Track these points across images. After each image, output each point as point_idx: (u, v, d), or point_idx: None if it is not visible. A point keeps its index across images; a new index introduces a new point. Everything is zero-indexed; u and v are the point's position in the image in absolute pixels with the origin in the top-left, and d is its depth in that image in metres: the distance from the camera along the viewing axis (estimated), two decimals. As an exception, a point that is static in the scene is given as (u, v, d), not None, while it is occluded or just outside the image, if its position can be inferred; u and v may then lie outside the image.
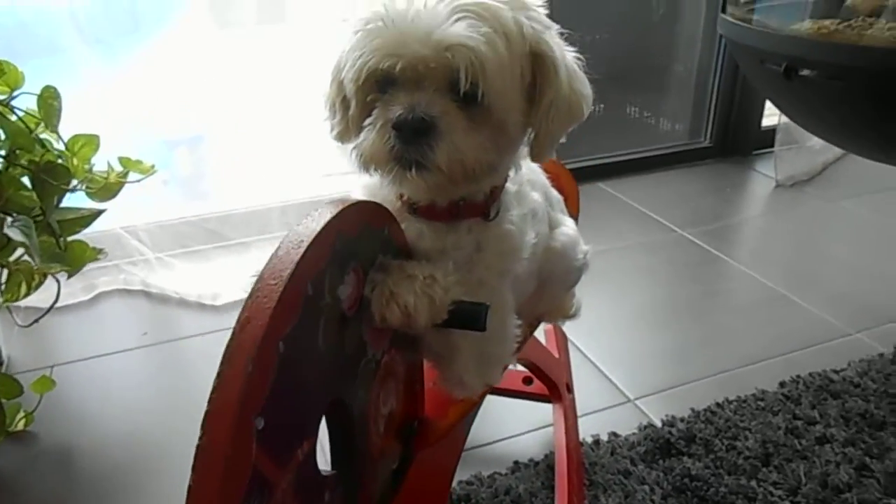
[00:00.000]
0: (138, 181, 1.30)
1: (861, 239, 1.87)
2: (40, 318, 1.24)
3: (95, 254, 1.18)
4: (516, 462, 1.10)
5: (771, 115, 2.38)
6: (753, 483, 1.03)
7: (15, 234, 0.96)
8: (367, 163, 0.60)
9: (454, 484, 1.04)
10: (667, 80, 2.42)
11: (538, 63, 0.60)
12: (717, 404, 1.20)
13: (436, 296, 0.56)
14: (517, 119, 0.60)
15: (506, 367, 0.74)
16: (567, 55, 0.62)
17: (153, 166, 1.33)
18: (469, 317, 0.56)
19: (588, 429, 1.16)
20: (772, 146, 2.25)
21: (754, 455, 1.08)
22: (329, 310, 0.48)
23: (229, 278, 1.56)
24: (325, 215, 0.47)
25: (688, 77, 2.36)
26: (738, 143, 2.35)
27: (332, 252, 0.47)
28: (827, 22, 1.19)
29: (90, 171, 1.21)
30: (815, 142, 2.26)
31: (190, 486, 0.36)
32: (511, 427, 1.19)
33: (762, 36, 1.08)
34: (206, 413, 0.37)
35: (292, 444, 0.43)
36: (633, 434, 1.14)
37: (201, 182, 2.16)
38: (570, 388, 1.15)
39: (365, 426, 0.56)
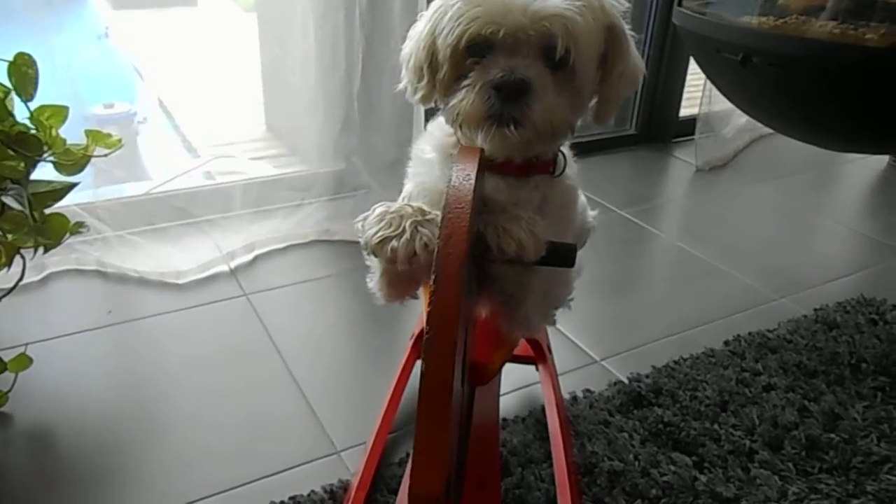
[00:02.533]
0: (105, 155, 1.28)
1: (773, 217, 2.08)
2: (4, 296, 1.20)
3: (78, 227, 1.15)
4: (504, 419, 1.17)
5: (688, 106, 2.59)
6: (716, 426, 1.16)
7: (11, 201, 0.93)
8: (465, 120, 0.67)
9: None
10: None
11: (611, 36, 0.69)
12: (675, 361, 1.33)
13: (539, 233, 0.63)
14: (591, 85, 0.69)
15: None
16: (630, 33, 0.71)
17: (120, 140, 1.30)
18: (563, 254, 0.63)
19: (565, 387, 1.25)
20: (689, 134, 2.44)
21: (713, 403, 1.21)
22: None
23: (193, 256, 1.54)
24: (475, 157, 0.53)
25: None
26: (659, 131, 2.53)
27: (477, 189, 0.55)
28: (764, 18, 1.33)
29: (65, 142, 1.18)
30: (728, 130, 2.48)
31: (425, 371, 0.44)
32: (493, 389, 1.26)
33: (719, 27, 1.20)
34: (432, 310, 0.43)
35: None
36: (606, 390, 1.25)
37: (138, 161, 2.10)
38: (549, 350, 1.23)
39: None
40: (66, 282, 1.53)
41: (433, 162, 0.76)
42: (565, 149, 0.77)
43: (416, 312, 1.49)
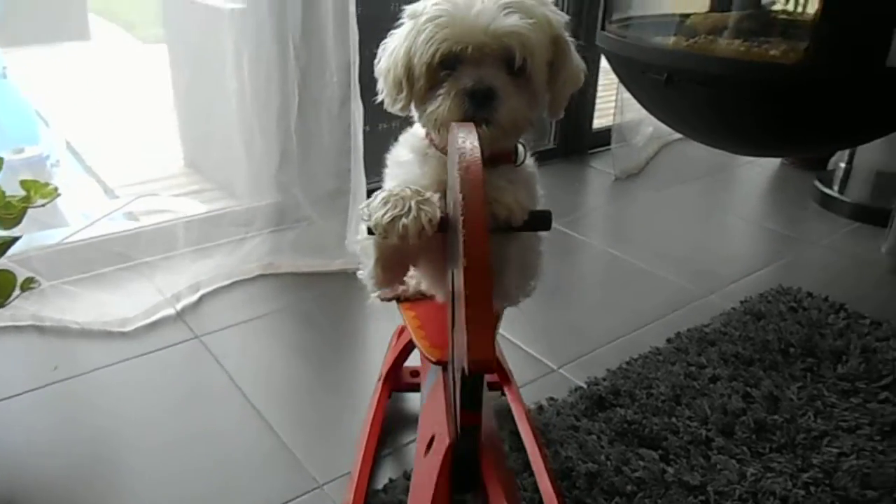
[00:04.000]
0: (43, 205, 1.23)
1: (689, 218, 2.23)
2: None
3: (29, 283, 1.10)
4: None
5: (600, 118, 2.73)
6: (674, 420, 1.24)
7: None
8: (442, 124, 0.78)
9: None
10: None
11: (557, 46, 0.82)
12: (626, 363, 1.41)
13: (522, 200, 0.73)
14: (543, 87, 0.81)
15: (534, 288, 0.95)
16: (570, 40, 0.83)
17: (56, 189, 1.26)
18: (541, 219, 0.74)
19: (529, 398, 1.30)
20: (603, 145, 2.58)
21: (668, 398, 1.29)
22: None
23: (136, 302, 1.50)
24: (471, 126, 0.67)
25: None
26: (576, 144, 2.65)
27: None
28: (675, 39, 1.45)
29: (4, 195, 1.12)
30: (639, 139, 2.63)
31: (467, 254, 0.55)
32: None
33: (642, 49, 1.30)
34: (466, 230, 0.56)
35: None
36: (569, 396, 1.31)
37: (55, 207, 2.01)
38: (511, 374, 1.28)
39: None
40: (2, 340, 1.45)
41: (411, 162, 0.85)
42: (524, 141, 0.89)
43: (375, 341, 1.51)
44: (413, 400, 1.30)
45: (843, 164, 2.35)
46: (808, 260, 1.92)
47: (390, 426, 1.24)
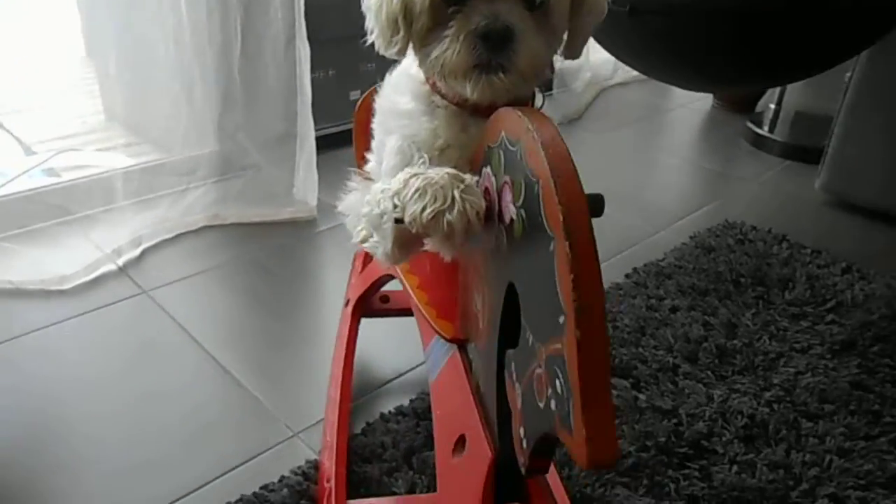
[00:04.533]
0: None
1: (632, 160, 2.27)
2: None
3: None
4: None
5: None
6: (640, 349, 1.26)
7: None
8: (452, 71, 0.66)
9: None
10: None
11: None
12: (589, 298, 1.42)
13: None
14: (565, 22, 0.70)
15: None
16: None
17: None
18: (594, 204, 0.65)
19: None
20: (546, 91, 2.57)
21: (633, 329, 1.32)
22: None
23: (75, 258, 1.40)
24: (546, 119, 0.56)
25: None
26: (516, 89, 2.63)
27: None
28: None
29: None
30: (578, 84, 2.64)
31: (581, 341, 0.44)
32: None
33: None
34: (579, 301, 0.44)
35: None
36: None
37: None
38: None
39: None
40: (-79, 305, 1.33)
41: (415, 112, 0.75)
42: (565, 101, 0.80)
43: (331, 285, 1.47)
44: (382, 325, 1.25)
45: (772, 106, 2.44)
46: (746, 196, 1.99)
47: (360, 359, 1.20)
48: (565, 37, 0.73)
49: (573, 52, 0.75)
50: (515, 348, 0.57)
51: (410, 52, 0.73)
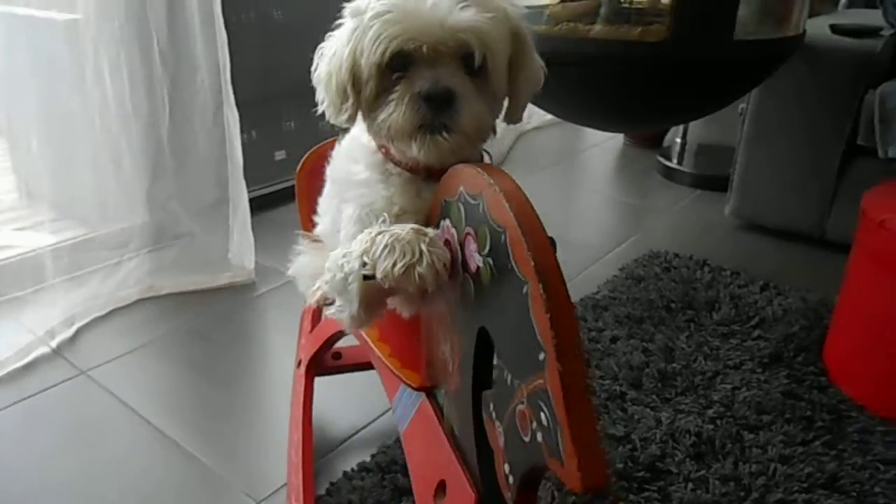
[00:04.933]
0: None
1: (555, 200, 2.37)
2: None
3: None
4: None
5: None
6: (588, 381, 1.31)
7: None
8: (398, 133, 0.70)
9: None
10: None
11: (516, 41, 0.74)
12: (533, 336, 1.47)
13: None
14: (504, 88, 0.74)
15: None
16: (529, 35, 0.76)
17: None
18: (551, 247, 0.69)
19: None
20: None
21: (578, 362, 1.36)
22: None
23: (6, 343, 1.34)
24: (501, 172, 0.59)
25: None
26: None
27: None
28: (545, 26, 1.53)
29: None
30: (498, 130, 2.74)
31: (562, 373, 0.47)
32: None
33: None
34: (555, 328, 0.48)
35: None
36: (488, 374, 1.34)
37: None
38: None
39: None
40: None
41: (371, 181, 0.77)
42: (488, 147, 0.84)
43: (277, 347, 1.46)
44: (334, 382, 1.25)
45: (678, 140, 2.61)
46: (665, 225, 2.11)
47: (315, 418, 1.19)
48: (506, 102, 0.77)
49: (513, 116, 0.79)
50: (492, 389, 0.60)
51: (360, 121, 0.77)
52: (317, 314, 1.35)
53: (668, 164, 2.51)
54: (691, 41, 1.31)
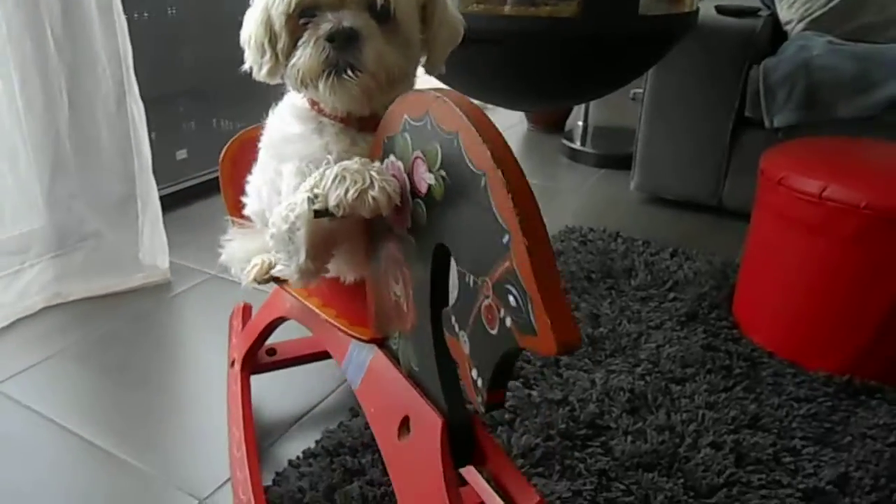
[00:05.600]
0: None
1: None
2: None
3: None
4: (352, 408, 1.20)
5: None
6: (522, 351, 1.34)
7: None
8: (305, 76, 0.73)
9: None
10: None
11: None
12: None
13: None
14: (417, 34, 0.76)
15: None
16: None
17: None
18: None
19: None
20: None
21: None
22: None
23: None
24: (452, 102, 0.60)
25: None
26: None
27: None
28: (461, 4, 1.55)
29: None
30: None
31: (531, 249, 0.51)
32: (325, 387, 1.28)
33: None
34: (516, 203, 0.52)
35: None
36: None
37: None
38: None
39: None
40: None
41: (305, 133, 0.78)
42: None
43: (200, 345, 1.41)
44: (266, 377, 1.23)
45: (580, 123, 2.71)
46: (575, 204, 2.19)
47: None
48: (423, 56, 0.80)
49: (431, 66, 0.81)
50: (450, 305, 0.62)
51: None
52: (247, 312, 1.32)
53: (572, 146, 2.60)
54: (601, 16, 1.37)
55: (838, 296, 1.26)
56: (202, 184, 2.11)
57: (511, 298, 0.52)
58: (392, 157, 0.68)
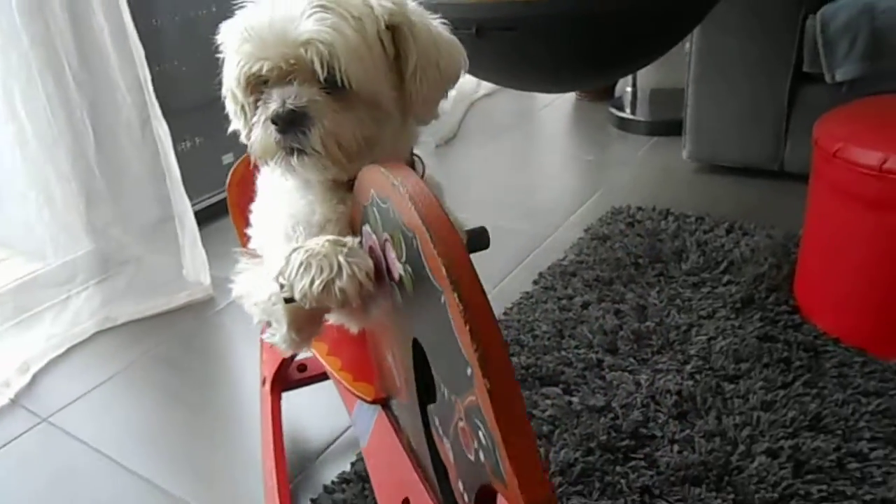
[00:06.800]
0: None
1: (513, 167, 2.33)
2: None
3: None
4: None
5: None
6: (564, 353, 1.29)
7: None
8: (260, 157, 0.68)
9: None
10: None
11: (397, 35, 0.67)
12: (504, 314, 1.44)
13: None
14: (388, 92, 0.67)
15: None
16: (430, 21, 0.70)
17: None
18: (479, 237, 0.66)
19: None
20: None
21: (552, 335, 1.34)
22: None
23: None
24: (402, 167, 0.56)
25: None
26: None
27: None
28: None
29: None
30: (446, 105, 2.68)
31: (491, 387, 0.43)
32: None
33: (447, 6, 1.31)
34: (477, 337, 0.44)
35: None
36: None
37: None
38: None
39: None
40: None
41: (293, 189, 0.73)
42: (419, 151, 0.78)
43: (245, 363, 1.42)
44: (302, 393, 1.21)
45: (629, 89, 2.57)
46: (625, 178, 2.08)
47: (288, 434, 1.16)
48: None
49: (421, 117, 0.72)
50: (434, 403, 0.56)
51: None
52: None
53: (621, 114, 2.47)
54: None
55: (910, 275, 1.14)
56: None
57: (481, 435, 0.46)
58: (368, 228, 0.62)
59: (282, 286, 0.60)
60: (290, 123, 0.64)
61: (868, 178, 1.11)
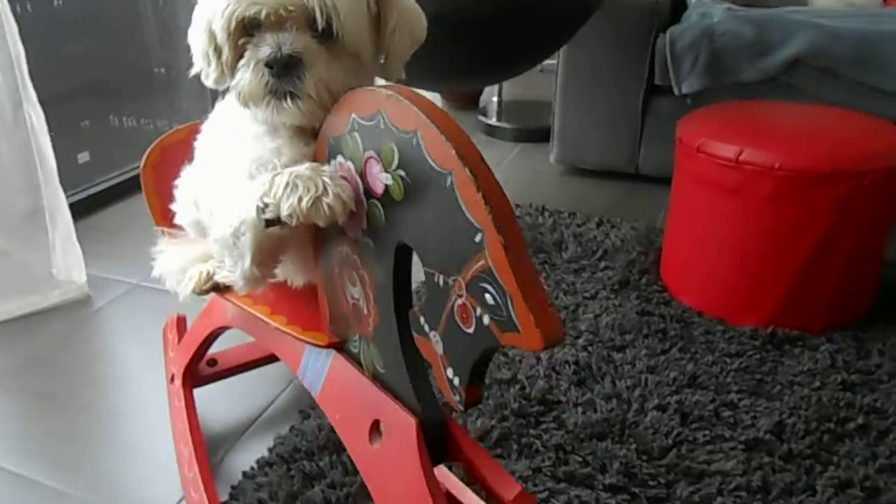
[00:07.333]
0: None
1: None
2: None
3: None
4: (301, 410, 1.18)
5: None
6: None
7: None
8: (246, 99, 0.70)
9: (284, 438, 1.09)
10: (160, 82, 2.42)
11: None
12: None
13: None
14: (369, 47, 0.73)
15: None
16: None
17: None
18: None
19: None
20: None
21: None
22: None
23: None
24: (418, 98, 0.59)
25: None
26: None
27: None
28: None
29: None
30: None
31: (506, 245, 0.51)
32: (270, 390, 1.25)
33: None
34: (489, 202, 0.52)
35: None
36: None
37: None
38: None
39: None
40: None
41: (259, 134, 0.74)
42: None
43: (130, 361, 1.35)
44: (205, 391, 1.19)
45: (494, 98, 2.73)
46: (498, 179, 2.20)
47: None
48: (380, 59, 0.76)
49: (388, 72, 0.77)
50: (418, 305, 0.62)
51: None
52: (182, 323, 1.26)
53: (488, 122, 2.61)
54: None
55: (757, 253, 1.33)
56: (111, 188, 1.99)
57: (488, 297, 0.52)
58: (340, 158, 0.67)
59: (264, 208, 0.63)
60: (286, 68, 0.67)
61: (726, 168, 1.29)
